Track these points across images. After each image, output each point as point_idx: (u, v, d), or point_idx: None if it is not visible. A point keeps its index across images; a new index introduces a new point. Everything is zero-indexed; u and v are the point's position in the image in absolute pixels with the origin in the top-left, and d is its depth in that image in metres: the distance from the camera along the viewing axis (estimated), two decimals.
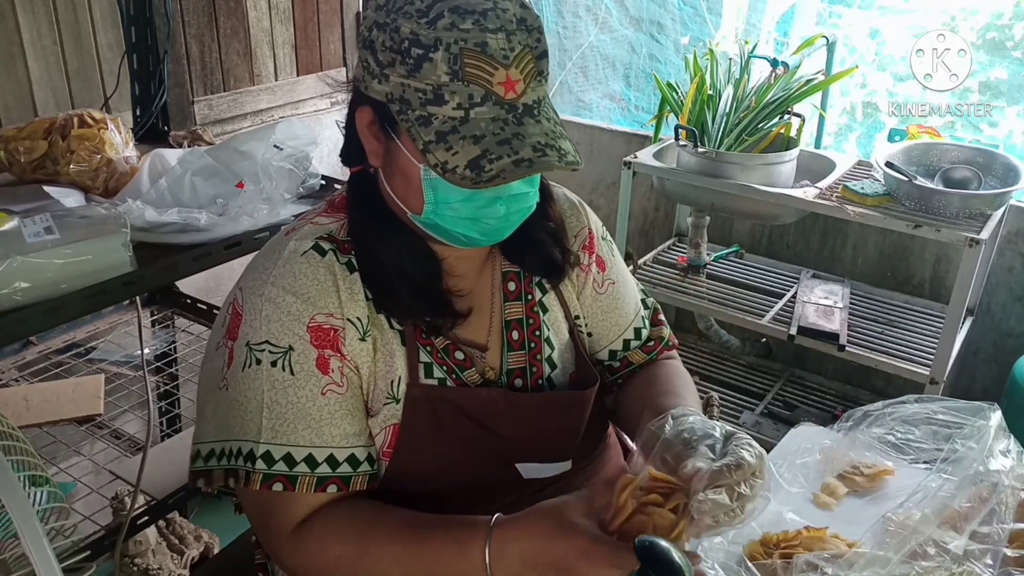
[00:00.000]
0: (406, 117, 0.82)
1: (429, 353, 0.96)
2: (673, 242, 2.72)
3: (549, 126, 0.83)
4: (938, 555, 0.88)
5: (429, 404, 0.95)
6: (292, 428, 0.88)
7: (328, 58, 2.45)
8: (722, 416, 2.36)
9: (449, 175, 0.79)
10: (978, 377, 2.44)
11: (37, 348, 1.75)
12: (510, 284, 1.03)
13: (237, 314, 0.91)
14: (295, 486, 0.88)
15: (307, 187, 1.55)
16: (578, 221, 1.09)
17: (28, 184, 1.42)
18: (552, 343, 1.04)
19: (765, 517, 1.03)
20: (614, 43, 2.86)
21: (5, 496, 0.66)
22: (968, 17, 2.36)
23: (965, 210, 1.95)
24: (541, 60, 0.83)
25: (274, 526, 0.90)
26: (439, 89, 0.79)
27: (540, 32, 0.83)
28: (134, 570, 1.72)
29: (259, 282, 0.91)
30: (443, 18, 0.79)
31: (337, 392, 0.90)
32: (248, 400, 0.89)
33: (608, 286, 1.10)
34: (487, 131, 0.80)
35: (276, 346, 0.89)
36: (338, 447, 0.90)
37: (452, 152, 0.79)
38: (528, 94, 0.82)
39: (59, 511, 0.82)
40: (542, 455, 1.02)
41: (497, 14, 0.80)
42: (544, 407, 1.01)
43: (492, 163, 0.79)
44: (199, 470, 0.92)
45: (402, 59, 0.80)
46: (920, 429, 1.13)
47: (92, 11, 1.82)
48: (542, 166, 0.80)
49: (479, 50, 0.79)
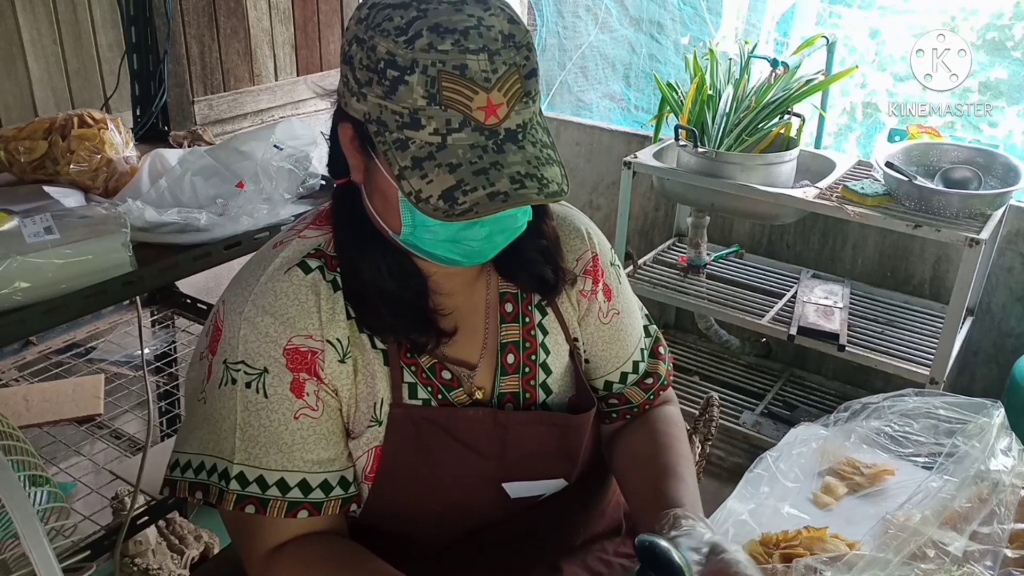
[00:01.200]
0: (383, 139, 0.78)
1: (414, 373, 0.93)
2: (673, 242, 2.72)
3: (534, 151, 0.78)
4: (938, 557, 0.88)
5: (413, 425, 0.93)
6: (264, 451, 0.87)
7: (328, 58, 2.45)
8: (722, 416, 2.36)
9: (422, 205, 0.76)
10: (978, 377, 2.44)
11: (37, 348, 1.75)
12: (507, 305, 1.00)
13: (218, 328, 0.91)
14: (267, 509, 0.87)
15: (307, 187, 1.55)
16: (580, 244, 1.04)
17: (28, 184, 1.42)
18: (549, 368, 1.01)
19: (765, 516, 1.03)
20: (614, 43, 2.86)
21: (5, 496, 0.66)
22: (968, 17, 2.36)
23: (965, 210, 1.96)
24: (529, 80, 0.78)
25: (250, 548, 0.90)
26: (415, 113, 0.76)
27: (529, 49, 0.79)
28: (134, 570, 1.72)
29: (240, 299, 0.90)
30: (421, 37, 0.75)
31: (311, 416, 0.89)
32: (223, 418, 0.88)
33: (613, 316, 1.06)
34: (464, 159, 0.76)
35: (251, 367, 0.87)
36: (310, 472, 0.89)
37: (427, 180, 0.76)
38: (512, 117, 0.77)
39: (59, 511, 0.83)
40: (533, 475, 1.00)
41: (480, 32, 0.75)
42: (534, 427, 0.98)
43: (466, 195, 0.75)
44: (174, 479, 0.91)
45: (378, 79, 0.77)
46: (919, 423, 1.12)
47: (92, 11, 1.82)
48: (518, 200, 0.75)
49: (457, 73, 0.74)
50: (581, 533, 1.06)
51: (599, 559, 1.05)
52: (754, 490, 1.08)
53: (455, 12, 0.76)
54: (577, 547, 1.05)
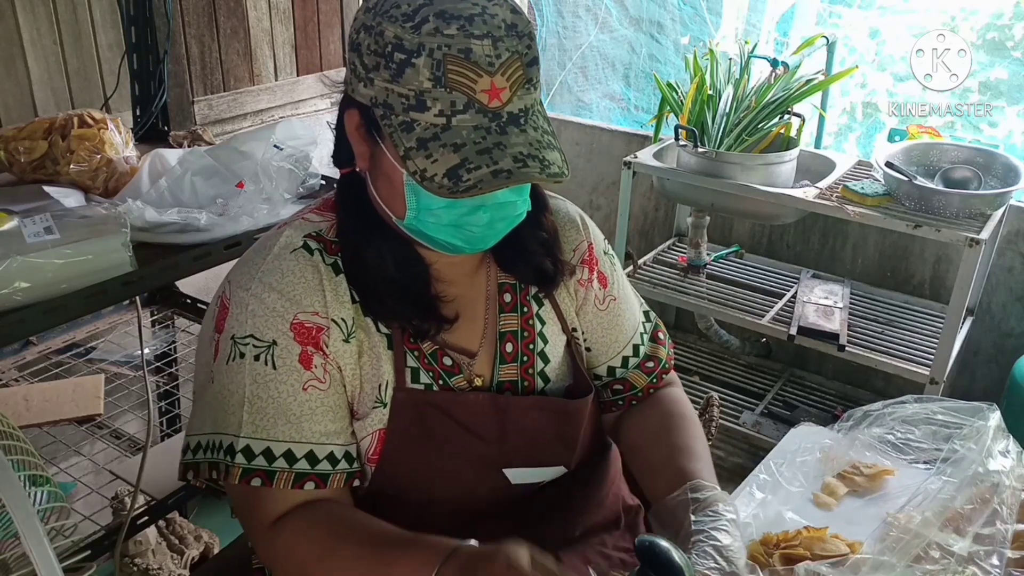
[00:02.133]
0: (389, 122, 0.81)
1: (416, 358, 0.95)
2: (673, 242, 2.72)
3: (535, 135, 0.81)
4: (942, 558, 0.88)
5: (415, 409, 0.94)
6: (272, 423, 0.89)
7: (328, 58, 2.45)
8: (722, 416, 2.36)
9: (427, 183, 0.79)
10: (978, 377, 2.44)
11: (37, 348, 1.75)
12: (506, 295, 1.02)
13: (224, 307, 0.92)
14: (273, 481, 0.88)
15: (307, 187, 1.55)
16: (576, 235, 1.07)
17: (28, 184, 1.42)
18: (547, 356, 1.03)
19: (765, 516, 1.03)
20: (614, 43, 2.86)
21: (5, 496, 0.66)
22: (968, 17, 2.36)
23: (965, 210, 1.95)
24: (531, 68, 0.81)
25: (254, 521, 0.91)
26: (421, 95, 0.78)
27: (531, 39, 0.81)
28: (134, 570, 1.72)
29: (247, 277, 0.92)
30: (427, 23, 0.78)
31: (319, 388, 0.90)
32: (231, 393, 0.89)
33: (609, 302, 1.09)
34: (468, 139, 0.78)
35: (260, 340, 0.89)
36: (317, 443, 0.90)
37: (432, 160, 0.78)
38: (514, 102, 0.80)
39: (59, 511, 0.83)
40: (533, 461, 1.02)
41: (485, 19, 0.78)
42: (533, 411, 1.00)
43: (470, 172, 0.77)
44: (187, 463, 0.93)
45: (386, 63, 0.80)
46: (920, 429, 1.13)
47: (92, 11, 1.82)
48: (521, 177, 0.78)
49: (462, 56, 0.77)
50: (579, 523, 1.07)
51: (598, 552, 1.06)
52: (756, 494, 1.08)
53: (460, 0, 0.79)
54: (576, 538, 1.06)
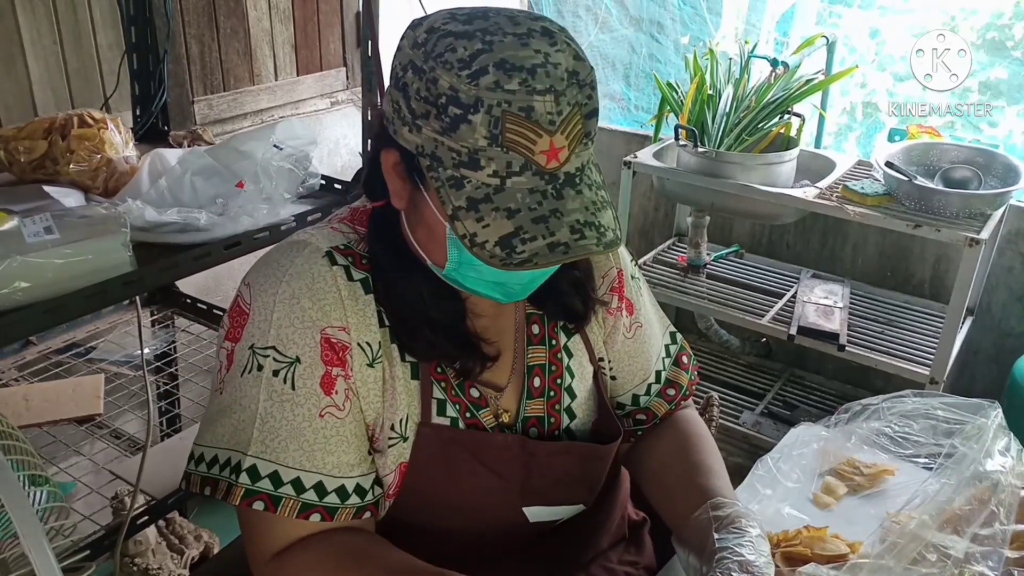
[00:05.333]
0: (436, 176, 0.74)
1: (443, 389, 0.91)
2: (673, 242, 2.72)
3: (590, 196, 0.75)
4: (940, 560, 0.88)
5: (440, 445, 0.90)
6: (284, 446, 0.84)
7: (328, 58, 2.45)
8: (722, 416, 2.36)
9: (477, 250, 0.72)
10: (978, 377, 2.44)
11: (37, 348, 1.75)
12: (534, 327, 0.98)
13: (243, 312, 0.86)
14: (277, 508, 0.83)
15: (307, 187, 1.55)
16: (606, 261, 1.03)
17: (28, 184, 1.41)
18: (574, 391, 1.00)
19: (765, 516, 1.03)
20: (614, 43, 2.86)
21: (5, 496, 0.66)
22: (968, 17, 2.36)
23: (965, 210, 1.95)
24: (590, 120, 0.75)
25: (254, 549, 0.88)
26: (475, 153, 0.72)
27: (592, 87, 0.75)
28: (134, 570, 1.72)
29: (271, 280, 0.85)
30: (487, 74, 0.70)
31: (336, 416, 0.85)
32: (243, 408, 0.84)
33: (636, 329, 1.06)
34: (523, 204, 0.72)
35: (282, 355, 0.84)
36: (328, 475, 0.85)
37: (483, 224, 0.72)
38: (572, 161, 0.74)
39: (59, 511, 0.82)
40: (554, 501, 0.99)
41: (548, 71, 0.72)
42: (561, 456, 0.97)
43: (525, 244, 0.71)
44: (190, 472, 0.89)
45: (437, 114, 0.73)
46: (918, 424, 1.13)
47: (92, 11, 1.82)
48: (578, 251, 0.72)
49: (523, 115, 0.71)
50: (591, 550, 1.06)
51: (603, 568, 1.05)
52: (755, 491, 1.08)
53: (521, 47, 0.72)
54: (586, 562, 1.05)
